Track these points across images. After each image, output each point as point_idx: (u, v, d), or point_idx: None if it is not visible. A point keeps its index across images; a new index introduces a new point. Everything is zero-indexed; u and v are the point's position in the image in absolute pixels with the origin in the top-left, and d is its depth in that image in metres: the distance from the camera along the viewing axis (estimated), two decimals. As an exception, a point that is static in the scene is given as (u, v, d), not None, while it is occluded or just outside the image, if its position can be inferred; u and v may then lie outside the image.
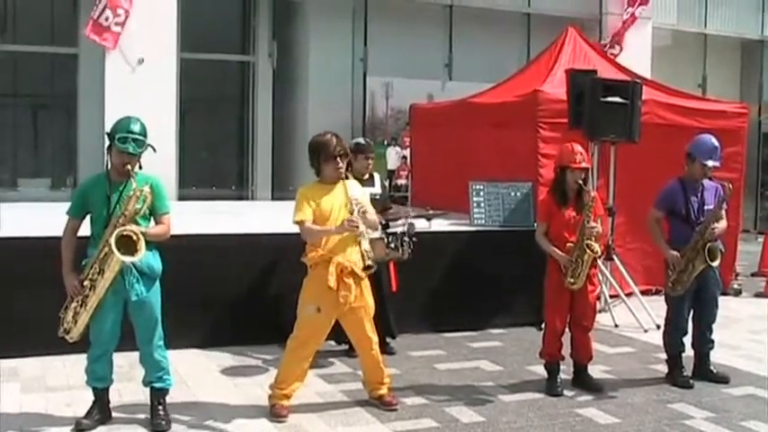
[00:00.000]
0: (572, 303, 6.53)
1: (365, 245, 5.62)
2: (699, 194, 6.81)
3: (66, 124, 14.56)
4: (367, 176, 7.54)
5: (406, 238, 7.09)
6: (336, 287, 5.58)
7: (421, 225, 8.17)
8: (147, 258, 5.30)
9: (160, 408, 5.55)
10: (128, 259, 5.11)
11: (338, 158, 5.64)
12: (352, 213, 5.52)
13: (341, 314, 5.80)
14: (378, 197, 7.46)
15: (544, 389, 6.54)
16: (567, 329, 6.65)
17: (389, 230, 7.14)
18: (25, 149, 14.74)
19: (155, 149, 5.35)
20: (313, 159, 5.78)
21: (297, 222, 5.65)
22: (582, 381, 6.68)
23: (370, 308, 5.92)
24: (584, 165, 6.46)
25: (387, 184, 7.72)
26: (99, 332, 5.34)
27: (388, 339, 7.56)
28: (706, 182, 6.85)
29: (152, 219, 5.40)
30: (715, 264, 6.67)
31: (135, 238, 5.13)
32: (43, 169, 14.53)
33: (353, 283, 5.65)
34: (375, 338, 5.97)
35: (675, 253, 6.72)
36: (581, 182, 6.43)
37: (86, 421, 5.42)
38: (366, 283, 5.84)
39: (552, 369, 6.64)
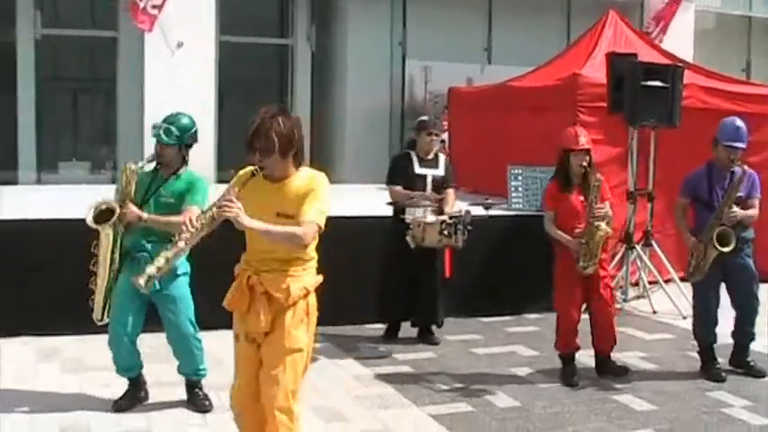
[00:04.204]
0: (586, 292, 6.41)
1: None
2: (726, 181, 6.50)
3: (106, 108, 14.66)
4: (432, 156, 7.44)
5: (461, 226, 6.98)
6: (247, 309, 4.05)
7: (478, 212, 8.06)
8: None
9: (198, 391, 5.62)
10: (101, 227, 5.16)
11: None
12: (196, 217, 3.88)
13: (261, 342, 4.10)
14: (439, 179, 7.39)
15: (559, 378, 6.46)
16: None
17: (443, 217, 7.00)
18: (65, 133, 14.84)
19: (189, 147, 5.40)
20: None
21: None
22: (606, 368, 6.53)
23: (299, 352, 4.02)
24: (586, 146, 6.36)
25: (452, 167, 7.55)
26: (111, 316, 5.40)
27: (433, 328, 7.54)
28: (737, 170, 6.48)
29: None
30: (726, 250, 6.29)
31: (105, 207, 5.19)
32: (83, 152, 14.63)
33: (263, 309, 3.99)
34: (281, 397, 3.94)
35: (694, 239, 6.53)
36: (585, 164, 6.33)
37: (124, 402, 5.50)
38: (296, 315, 4.03)
39: (567, 359, 6.54)
